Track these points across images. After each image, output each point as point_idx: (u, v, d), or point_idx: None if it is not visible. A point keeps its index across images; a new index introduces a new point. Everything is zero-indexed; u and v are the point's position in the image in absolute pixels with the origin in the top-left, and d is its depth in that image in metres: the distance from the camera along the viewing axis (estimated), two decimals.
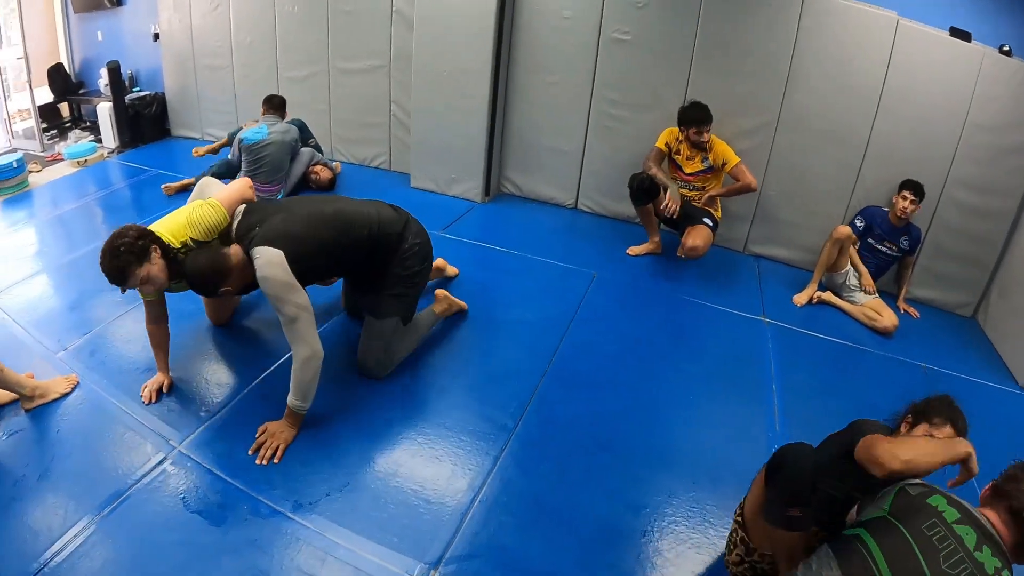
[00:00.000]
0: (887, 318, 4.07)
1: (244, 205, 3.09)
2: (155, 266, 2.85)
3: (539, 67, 5.11)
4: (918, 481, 1.82)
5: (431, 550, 2.40)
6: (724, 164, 4.33)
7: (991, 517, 1.72)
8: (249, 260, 2.84)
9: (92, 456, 2.80)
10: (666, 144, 4.44)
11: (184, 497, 2.60)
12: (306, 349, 2.77)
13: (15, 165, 5.84)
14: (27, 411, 3.02)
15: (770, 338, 3.88)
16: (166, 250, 2.92)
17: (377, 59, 5.75)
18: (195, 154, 5.82)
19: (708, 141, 4.29)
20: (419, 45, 5.21)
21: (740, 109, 4.52)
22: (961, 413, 2.22)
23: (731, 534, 2.32)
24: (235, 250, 2.91)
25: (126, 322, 3.72)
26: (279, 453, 2.78)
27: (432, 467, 2.77)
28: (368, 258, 3.15)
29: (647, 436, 3.05)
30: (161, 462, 2.76)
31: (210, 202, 3.00)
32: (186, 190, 5.40)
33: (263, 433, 2.85)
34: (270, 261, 2.73)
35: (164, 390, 3.17)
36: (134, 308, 3.81)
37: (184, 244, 3.00)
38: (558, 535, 2.50)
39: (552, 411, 3.13)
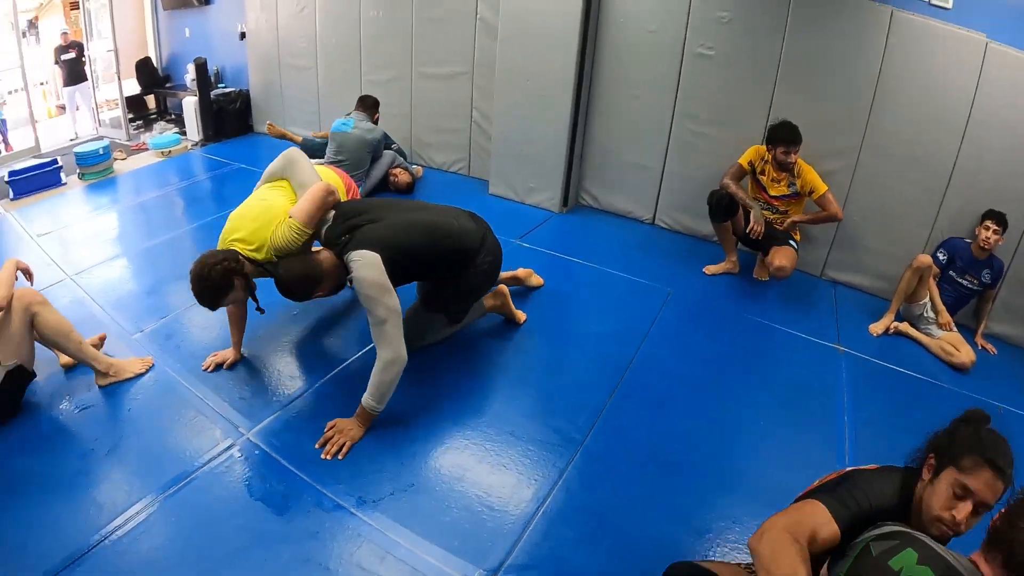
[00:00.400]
0: (964, 353, 3.88)
1: (332, 210, 3.11)
2: (239, 292, 2.92)
3: (622, 80, 5.05)
4: (894, 527, 1.57)
5: (491, 557, 2.35)
6: (811, 192, 4.20)
7: (984, 570, 1.47)
8: (341, 264, 2.87)
9: (161, 436, 2.84)
10: (750, 163, 4.33)
11: (249, 484, 2.60)
12: (391, 352, 2.78)
13: (101, 152, 6.03)
14: (100, 387, 3.08)
15: (844, 367, 3.72)
16: (246, 273, 2.96)
17: (460, 65, 5.77)
18: (269, 131, 6.11)
19: (795, 164, 4.17)
20: (503, 53, 5.22)
21: (824, 130, 4.37)
22: (1001, 445, 1.68)
23: None
24: (326, 256, 2.93)
25: (202, 309, 3.73)
26: (344, 450, 2.77)
27: (498, 474, 2.72)
28: (445, 267, 3.20)
29: (714, 459, 2.95)
30: (229, 447, 2.77)
31: (291, 224, 2.96)
32: (287, 139, 5.75)
33: (331, 429, 2.84)
34: (369, 263, 2.77)
35: (226, 366, 3.24)
36: None
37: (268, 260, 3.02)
38: (618, 553, 2.42)
39: (621, 427, 3.04)
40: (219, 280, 2.82)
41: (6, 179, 5.46)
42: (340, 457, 2.74)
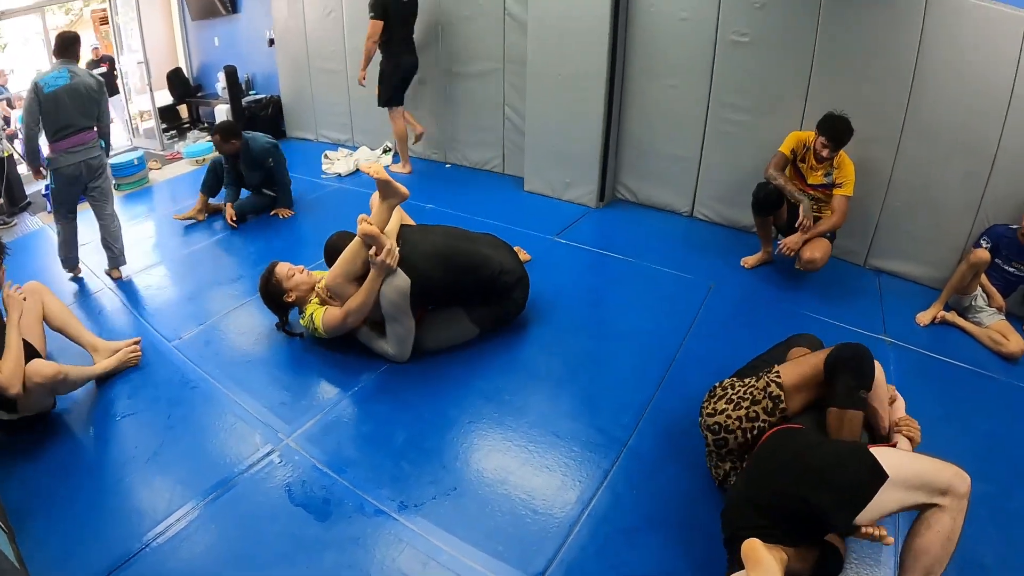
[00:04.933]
0: (1014, 343, 3.73)
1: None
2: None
3: (655, 71, 4.96)
4: None
5: (535, 562, 2.29)
6: (841, 185, 4.09)
7: None
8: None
9: (201, 443, 2.84)
10: (792, 151, 4.21)
11: (290, 489, 2.58)
12: (395, 351, 3.27)
13: (136, 162, 6.11)
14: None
15: (892, 359, 3.60)
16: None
17: (490, 63, 5.72)
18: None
19: (835, 158, 4.05)
20: (533, 49, 5.15)
21: (864, 115, 4.20)
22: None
23: (752, 390, 2.39)
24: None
25: (240, 315, 3.78)
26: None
27: (541, 476, 2.66)
28: (477, 295, 3.42)
29: None
30: (269, 453, 2.75)
31: (316, 319, 3.31)
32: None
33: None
34: (397, 287, 3.10)
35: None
36: (248, 302, 3.88)
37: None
38: (668, 554, 2.34)
39: (666, 425, 2.96)
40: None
41: (44, 192, 5.53)
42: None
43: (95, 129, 4.12)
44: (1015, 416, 3.24)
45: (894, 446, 2.33)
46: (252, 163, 5.06)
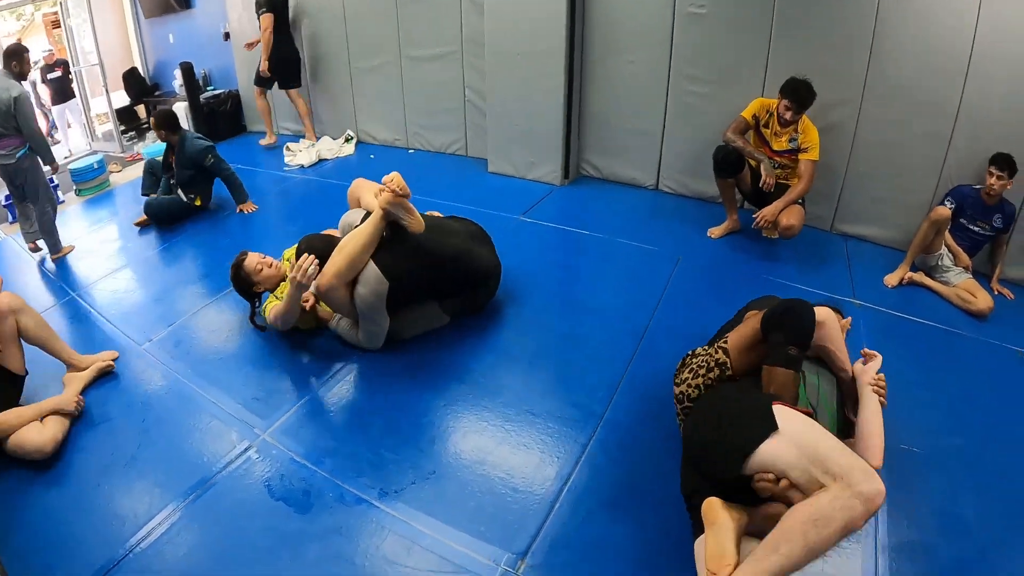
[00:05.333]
0: (981, 300, 3.80)
1: None
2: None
3: (615, 46, 4.95)
4: None
5: (519, 540, 2.31)
6: (806, 150, 4.12)
7: None
8: None
9: (178, 444, 2.82)
10: (754, 116, 4.22)
11: (269, 484, 2.57)
12: (366, 342, 3.25)
13: (96, 166, 6.01)
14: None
15: (862, 321, 3.66)
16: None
17: (449, 45, 5.70)
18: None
19: (798, 122, 4.09)
20: (491, 29, 5.13)
21: (825, 80, 4.23)
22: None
23: (707, 358, 2.41)
24: None
25: (209, 313, 3.75)
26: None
27: (519, 455, 2.68)
28: (452, 287, 3.37)
29: None
30: (246, 450, 2.74)
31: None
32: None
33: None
34: (374, 290, 3.04)
35: None
36: (216, 300, 3.87)
37: None
38: (651, 523, 2.37)
39: (640, 396, 2.98)
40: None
41: (3, 203, 5.43)
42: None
43: (15, 137, 4.33)
44: (986, 371, 3.32)
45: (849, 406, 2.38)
46: (187, 161, 5.01)
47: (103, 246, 4.83)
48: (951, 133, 4.09)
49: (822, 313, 2.30)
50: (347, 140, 6.62)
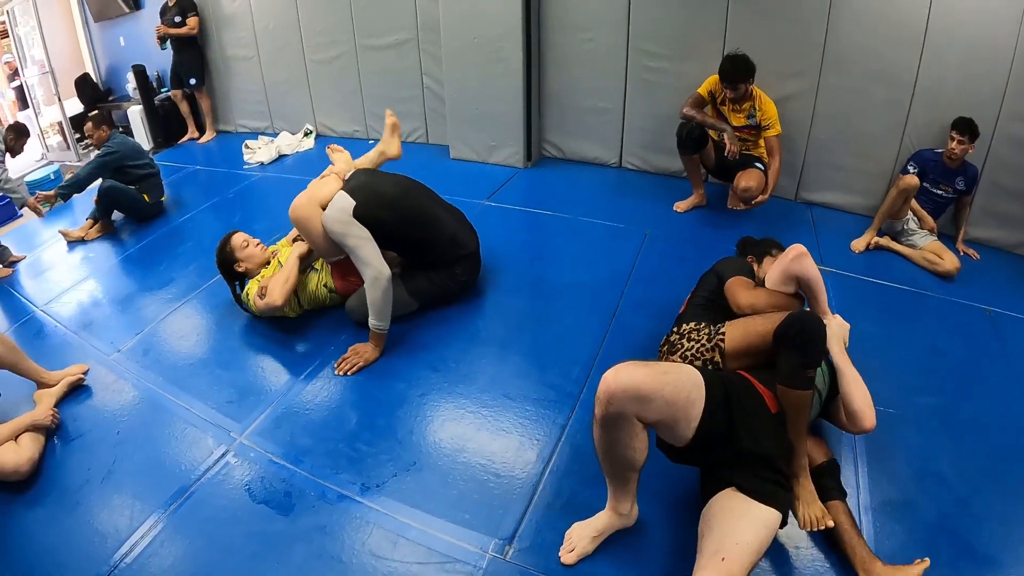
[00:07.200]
0: (948, 261, 3.86)
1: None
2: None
3: (571, 25, 4.93)
4: None
5: (504, 525, 2.32)
6: (768, 127, 4.14)
7: None
8: None
9: (154, 454, 2.78)
10: (710, 92, 4.23)
11: (250, 488, 2.55)
12: (371, 270, 3.02)
13: (52, 177, 5.92)
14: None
15: (831, 287, 3.68)
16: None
17: (404, 32, 5.64)
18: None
19: (750, 94, 4.10)
20: (446, 14, 5.07)
21: (783, 52, 4.27)
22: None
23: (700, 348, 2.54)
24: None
25: (177, 319, 3.71)
26: (355, 369, 3.08)
27: (499, 440, 2.68)
28: (422, 255, 3.40)
29: None
30: (224, 455, 2.72)
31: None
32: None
33: (351, 350, 3.15)
34: (340, 207, 3.07)
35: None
36: (184, 304, 3.81)
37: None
38: (637, 500, 2.38)
39: None
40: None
41: None
42: (350, 374, 3.07)
43: None
44: (955, 330, 3.40)
45: None
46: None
47: (64, 258, 4.74)
48: (910, 101, 4.16)
49: (799, 248, 2.58)
50: (306, 134, 6.54)
